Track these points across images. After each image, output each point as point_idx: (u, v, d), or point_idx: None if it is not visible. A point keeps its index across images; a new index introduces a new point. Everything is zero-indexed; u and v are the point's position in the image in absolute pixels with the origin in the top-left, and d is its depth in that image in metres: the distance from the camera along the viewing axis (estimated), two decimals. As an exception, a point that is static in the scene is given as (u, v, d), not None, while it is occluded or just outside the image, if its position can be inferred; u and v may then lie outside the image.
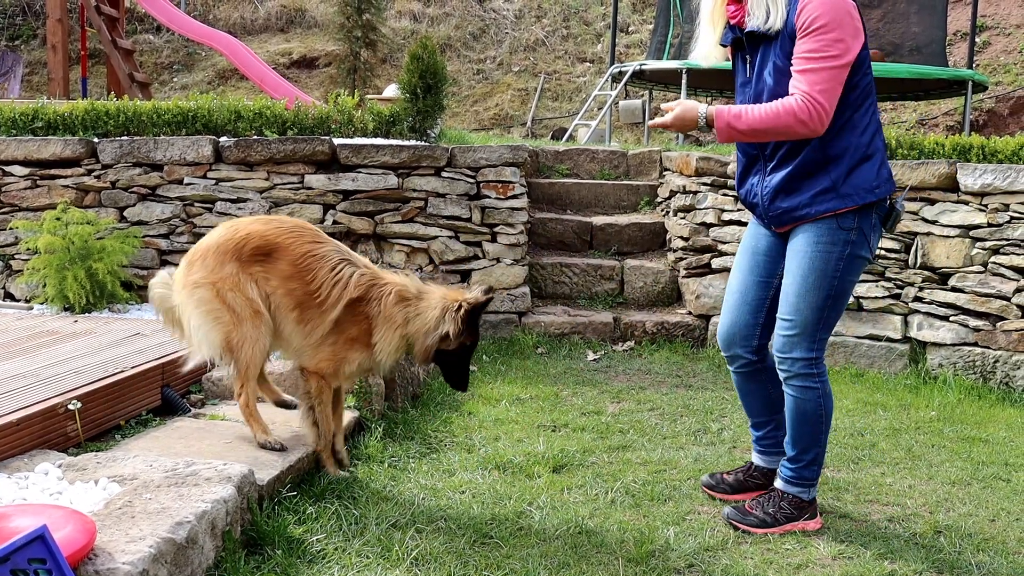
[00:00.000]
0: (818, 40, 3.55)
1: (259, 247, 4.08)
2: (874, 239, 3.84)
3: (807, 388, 3.85)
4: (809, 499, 3.96)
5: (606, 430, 5.18)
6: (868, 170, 3.72)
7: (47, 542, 2.39)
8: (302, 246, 4.09)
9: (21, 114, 7.70)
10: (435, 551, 3.51)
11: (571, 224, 8.20)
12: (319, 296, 4.03)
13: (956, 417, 5.68)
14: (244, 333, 4.05)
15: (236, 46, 14.75)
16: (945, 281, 6.53)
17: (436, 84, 7.59)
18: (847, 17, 3.58)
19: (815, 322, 3.80)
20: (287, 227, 4.16)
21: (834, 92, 3.57)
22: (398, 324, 4.03)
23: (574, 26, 18.84)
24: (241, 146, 7.23)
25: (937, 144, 6.97)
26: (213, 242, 4.13)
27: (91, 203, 7.32)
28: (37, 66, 18.61)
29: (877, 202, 3.76)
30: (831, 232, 3.74)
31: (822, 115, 3.56)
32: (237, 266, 4.06)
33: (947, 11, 13.61)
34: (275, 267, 4.07)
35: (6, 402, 4.02)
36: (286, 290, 4.06)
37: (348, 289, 4.04)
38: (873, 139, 3.74)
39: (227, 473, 3.47)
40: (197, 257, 4.13)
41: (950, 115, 15.26)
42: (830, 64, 3.55)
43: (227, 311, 4.03)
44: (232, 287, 4.03)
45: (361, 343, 4.08)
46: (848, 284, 3.83)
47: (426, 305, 4.03)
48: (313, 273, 4.05)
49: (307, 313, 4.06)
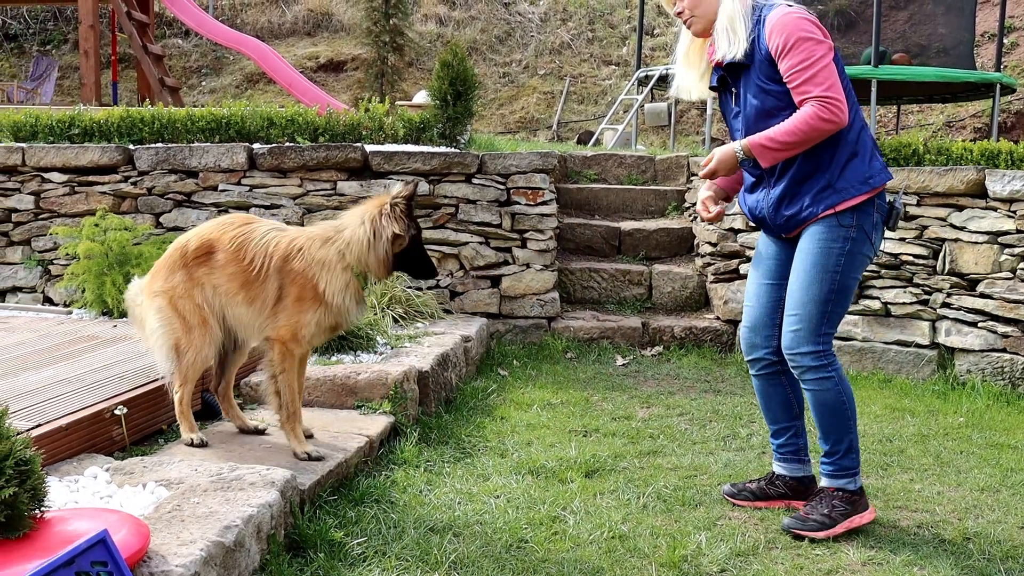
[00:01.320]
0: (799, 52, 3.76)
1: (199, 248, 4.19)
2: (876, 237, 3.98)
3: (821, 379, 3.94)
4: (856, 488, 4.00)
5: (637, 435, 5.25)
6: (859, 164, 3.88)
7: (108, 545, 2.49)
8: (232, 232, 4.19)
9: (59, 121, 7.85)
10: (472, 555, 3.59)
11: (599, 229, 8.27)
12: (253, 269, 4.12)
13: (984, 423, 5.71)
14: (191, 340, 4.17)
15: (264, 50, 14.92)
16: (973, 287, 6.56)
17: (466, 91, 7.69)
18: (811, 27, 3.80)
19: (819, 316, 3.90)
20: (223, 222, 4.28)
21: (838, 85, 3.76)
22: (335, 262, 4.09)
23: (599, 29, 18.90)
24: (275, 153, 7.34)
25: (965, 150, 6.99)
26: (165, 254, 4.29)
27: (128, 209, 7.45)
28: (68, 71, 18.84)
29: (876, 199, 3.91)
30: (831, 229, 3.89)
31: (840, 107, 3.74)
32: (184, 273, 4.18)
33: (975, 13, 13.58)
34: (214, 261, 4.17)
35: (54, 407, 4.13)
36: (227, 276, 4.15)
37: (272, 250, 4.12)
38: (860, 135, 3.90)
39: (271, 478, 3.57)
40: (159, 267, 4.27)
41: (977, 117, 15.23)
42: (821, 64, 3.75)
43: (178, 319, 4.17)
44: (182, 294, 4.17)
45: (308, 300, 4.11)
46: (850, 280, 3.95)
47: (351, 231, 4.09)
48: (243, 251, 4.14)
49: (252, 291, 4.15)
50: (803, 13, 3.85)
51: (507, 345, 7.32)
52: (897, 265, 6.82)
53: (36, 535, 2.78)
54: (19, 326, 6.21)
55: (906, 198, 6.76)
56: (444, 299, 7.34)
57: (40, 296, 7.55)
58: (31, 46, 19.86)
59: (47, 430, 3.84)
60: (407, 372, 5.23)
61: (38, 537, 2.78)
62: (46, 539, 2.77)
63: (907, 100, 14.11)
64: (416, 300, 6.92)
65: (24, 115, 7.98)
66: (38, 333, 5.91)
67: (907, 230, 6.76)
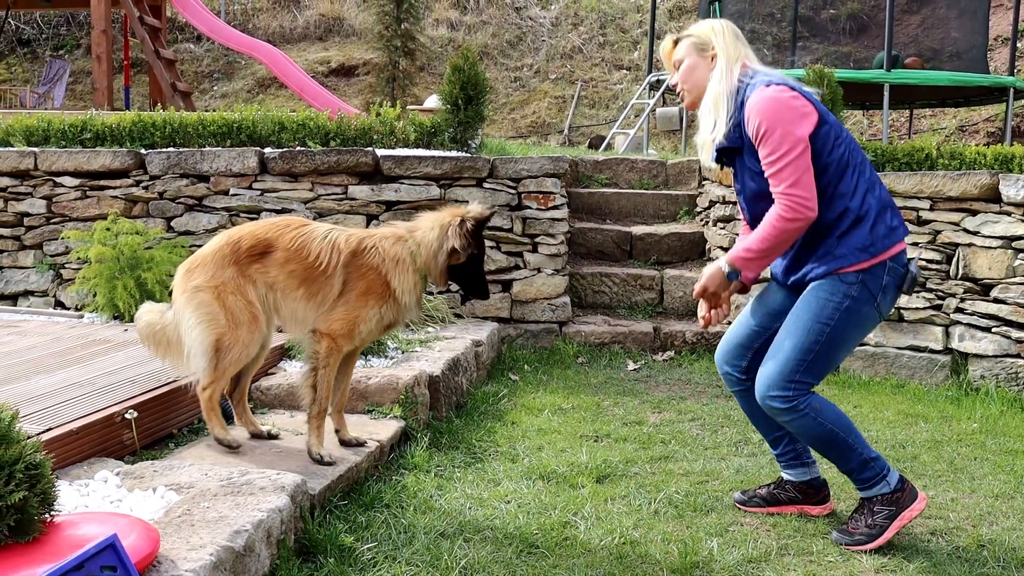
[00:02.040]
0: (768, 144, 3.76)
1: (253, 246, 4.20)
2: (884, 299, 3.89)
3: (794, 420, 3.88)
4: (893, 487, 3.92)
5: (648, 440, 5.23)
6: (860, 232, 3.82)
7: (117, 550, 2.48)
8: (291, 232, 4.21)
9: (71, 126, 7.88)
10: (483, 561, 3.58)
11: (611, 234, 8.25)
12: (319, 264, 4.14)
13: (998, 429, 5.68)
14: (238, 336, 4.15)
15: (276, 55, 14.95)
16: (987, 292, 6.52)
17: (477, 95, 7.68)
18: (785, 111, 3.76)
19: (795, 363, 3.83)
20: (277, 222, 4.30)
21: (805, 179, 3.73)
22: (407, 261, 4.15)
23: (611, 33, 18.90)
24: (286, 157, 7.35)
25: (979, 154, 6.97)
26: (211, 249, 4.24)
27: (139, 213, 7.47)
28: (80, 75, 18.91)
29: (889, 262, 3.84)
30: (832, 284, 3.85)
31: (804, 204, 3.72)
32: (236, 269, 4.17)
33: (988, 16, 13.52)
34: (271, 258, 4.18)
35: (65, 410, 4.13)
36: (286, 273, 4.16)
37: (341, 247, 4.16)
38: (864, 201, 3.83)
39: (281, 482, 3.56)
40: (196, 264, 4.24)
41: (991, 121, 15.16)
42: (787, 160, 3.73)
43: (225, 313, 4.14)
44: (233, 290, 4.15)
45: (375, 295, 4.15)
46: (844, 336, 3.86)
47: (422, 233, 4.17)
48: (306, 248, 4.16)
49: (313, 286, 4.17)
50: (777, 92, 3.79)
51: (518, 350, 7.31)
52: (910, 270, 6.78)
53: (46, 539, 2.78)
54: (31, 330, 6.22)
55: (919, 202, 6.73)
56: (455, 303, 7.33)
57: (52, 300, 7.57)
58: (44, 51, 19.94)
59: (58, 434, 3.84)
60: (418, 377, 5.22)
61: (48, 541, 2.77)
62: (56, 543, 2.76)
63: (920, 104, 14.05)
64: (427, 305, 6.91)
65: (36, 119, 8.01)
66: (50, 337, 5.92)
67: (920, 235, 6.73)
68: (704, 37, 4.03)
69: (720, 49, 3.98)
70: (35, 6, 17.70)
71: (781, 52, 13.71)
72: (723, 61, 3.96)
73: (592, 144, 14.61)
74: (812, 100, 3.85)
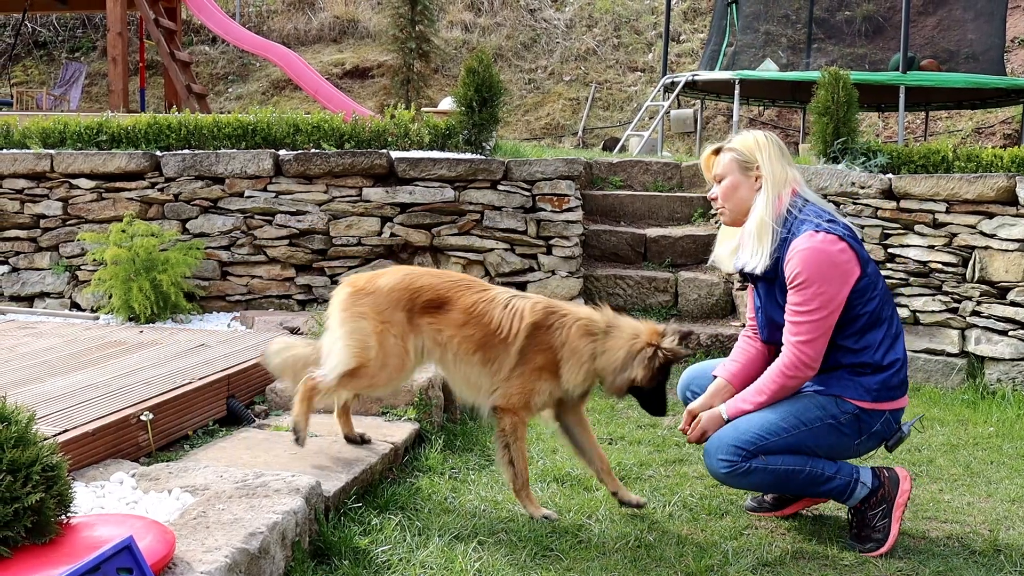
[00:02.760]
0: (800, 294, 3.73)
1: (431, 300, 4.14)
2: (866, 443, 3.89)
3: (741, 480, 3.86)
4: (871, 486, 3.88)
5: (662, 443, 5.22)
6: (874, 378, 3.80)
7: (133, 552, 2.49)
8: (471, 295, 4.14)
9: (87, 128, 7.91)
10: (497, 564, 3.57)
11: (625, 236, 8.24)
12: (500, 332, 4.05)
13: (1015, 433, 5.65)
14: (377, 377, 4.12)
15: (290, 57, 14.97)
16: (1003, 295, 6.49)
17: (491, 97, 7.68)
18: (828, 268, 3.71)
19: (753, 434, 3.80)
20: (455, 280, 4.22)
21: (819, 342, 3.73)
22: (584, 360, 4.03)
23: (625, 35, 18.88)
24: (301, 159, 7.36)
25: (995, 156, 6.93)
26: (389, 284, 4.16)
27: (154, 215, 7.50)
28: (96, 77, 18.99)
29: (887, 413, 3.83)
30: (827, 401, 3.83)
31: (806, 364, 3.75)
32: (406, 316, 4.12)
33: (1005, 18, 13.46)
34: (447, 318, 4.11)
35: (82, 412, 4.15)
36: (462, 337, 4.09)
37: (526, 316, 4.06)
38: (886, 355, 3.81)
39: (295, 484, 3.56)
40: (368, 290, 4.17)
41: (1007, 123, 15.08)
42: (811, 317, 3.72)
43: (379, 350, 4.08)
44: (398, 334, 4.10)
45: (548, 372, 4.05)
46: (812, 443, 3.82)
47: (613, 344, 4.01)
48: (488, 315, 4.08)
49: (490, 352, 4.08)
50: (826, 244, 3.71)
51: (532, 352, 7.29)
52: (926, 273, 6.76)
53: (62, 541, 2.79)
54: (47, 331, 6.25)
55: (935, 205, 6.71)
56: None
57: (67, 302, 7.60)
58: (60, 53, 20.03)
59: (74, 435, 3.86)
60: (432, 379, 5.22)
61: (64, 543, 2.78)
62: (72, 545, 2.77)
63: (936, 106, 13.99)
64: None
65: (53, 121, 8.05)
66: (65, 338, 5.95)
67: (936, 237, 6.70)
68: (749, 154, 3.92)
69: (767, 171, 3.88)
70: (51, 8, 17.77)
71: (796, 54, 13.68)
72: (769, 187, 3.86)
73: (606, 146, 14.60)
74: (855, 247, 3.78)
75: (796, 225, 3.79)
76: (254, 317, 6.96)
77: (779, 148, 3.94)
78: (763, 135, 3.97)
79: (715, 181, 4.03)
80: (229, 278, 7.52)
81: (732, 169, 3.94)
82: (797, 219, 3.80)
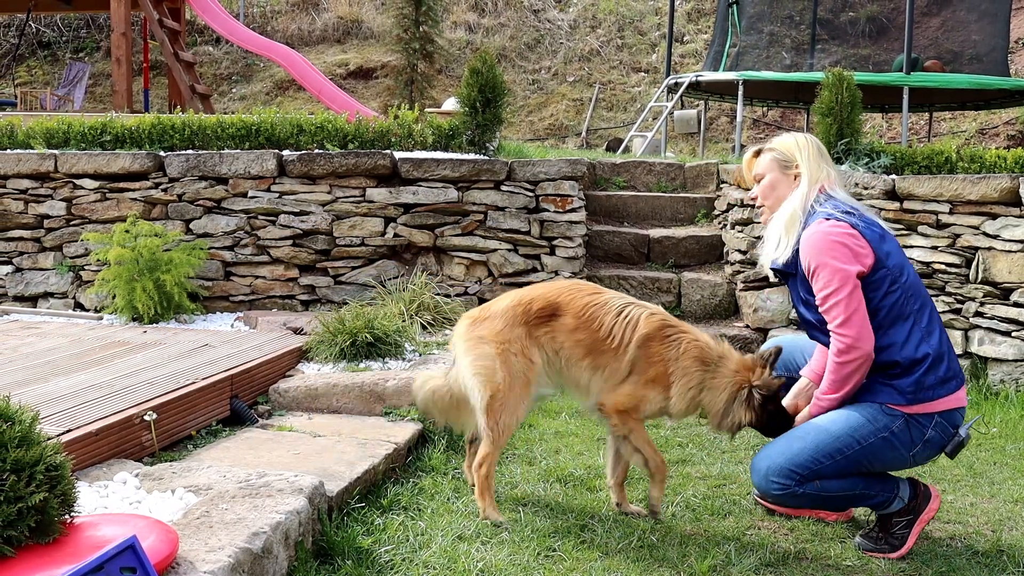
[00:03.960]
0: (818, 280, 3.79)
1: (543, 308, 4.13)
2: (922, 452, 3.84)
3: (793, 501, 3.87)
4: (907, 500, 3.88)
5: (665, 444, 5.22)
6: (906, 379, 3.77)
7: (137, 552, 2.49)
8: (582, 299, 4.14)
9: (90, 128, 7.92)
10: (500, 564, 3.57)
11: (628, 237, 8.24)
12: (611, 340, 4.05)
13: (1018, 434, 5.64)
14: (506, 400, 4.03)
15: (294, 58, 14.99)
16: (1007, 296, 6.48)
17: (495, 98, 7.68)
18: (834, 247, 3.77)
19: (807, 458, 3.81)
20: (565, 286, 4.23)
21: (854, 317, 3.73)
22: (692, 385, 4.04)
23: (629, 36, 18.87)
24: (304, 160, 7.37)
25: (999, 157, 6.93)
26: (503, 306, 4.17)
27: (158, 216, 7.51)
28: (100, 78, 19.01)
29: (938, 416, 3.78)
30: (874, 410, 3.81)
31: (852, 345, 3.73)
32: (525, 330, 4.11)
33: (1009, 19, 13.44)
34: (560, 323, 4.11)
35: (85, 412, 4.16)
36: (574, 342, 4.09)
37: (639, 327, 4.05)
38: (916, 350, 3.77)
39: (298, 485, 3.57)
40: (485, 316, 4.17)
41: (1011, 124, 15.06)
42: (837, 297, 3.75)
43: (504, 371, 4.04)
44: (519, 351, 4.07)
45: (660, 384, 4.05)
46: (869, 461, 3.82)
47: (718, 382, 4.03)
48: (599, 320, 4.08)
49: (600, 359, 4.08)
50: (831, 228, 3.79)
51: (535, 352, 7.29)
52: (929, 274, 6.76)
53: (66, 540, 2.80)
54: (51, 331, 6.27)
55: (938, 206, 6.70)
56: (472, 306, 7.32)
57: (71, 302, 7.62)
58: (64, 54, 20.05)
59: (77, 435, 3.87)
60: (435, 379, 5.22)
61: (68, 542, 2.79)
62: (75, 544, 2.78)
63: (939, 107, 13.97)
64: (444, 307, 6.92)
65: (56, 122, 8.06)
66: (69, 338, 5.96)
67: (939, 238, 6.70)
68: (788, 153, 4.01)
69: (804, 168, 3.96)
70: (56, 8, 17.80)
71: (800, 55, 13.66)
72: (806, 181, 3.94)
73: (610, 147, 14.60)
74: (868, 235, 3.80)
75: (811, 217, 3.87)
76: (258, 317, 6.97)
77: (818, 148, 4.03)
78: (803, 136, 4.08)
79: (755, 181, 4.11)
80: (233, 278, 7.53)
81: (772, 168, 4.04)
82: (814, 212, 3.88)
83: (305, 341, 5.92)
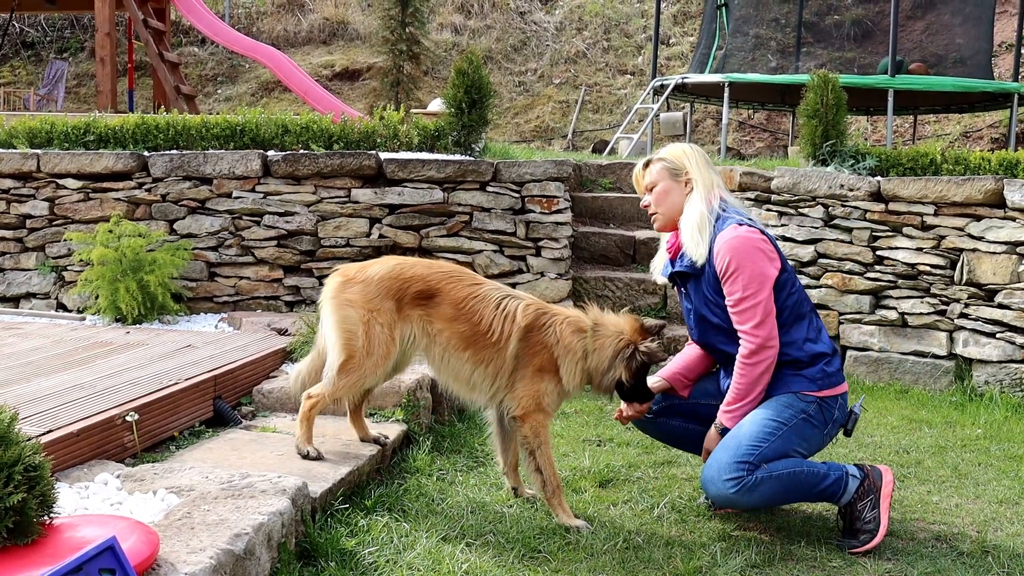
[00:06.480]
0: (736, 283, 3.95)
1: (422, 291, 4.16)
2: (831, 429, 4.06)
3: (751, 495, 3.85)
4: (859, 480, 3.96)
5: (651, 445, 5.21)
6: (812, 369, 4.00)
7: (116, 553, 2.47)
8: (463, 289, 4.17)
9: (74, 128, 7.87)
10: (485, 566, 3.56)
11: (614, 238, 8.24)
12: (491, 334, 4.10)
13: (1003, 435, 5.66)
14: (363, 365, 4.14)
15: (280, 59, 14.96)
16: (991, 297, 6.50)
17: (481, 99, 7.66)
18: (754, 252, 3.95)
19: (746, 447, 3.86)
20: (446, 270, 4.26)
21: (766, 320, 3.92)
22: (578, 357, 4.09)
23: (615, 38, 18.89)
24: (289, 160, 7.33)
25: (983, 159, 6.95)
26: (378, 273, 4.19)
27: (142, 216, 7.46)
28: (85, 78, 18.93)
29: (839, 398, 4.03)
30: (789, 398, 3.98)
31: (763, 343, 3.91)
32: (395, 304, 4.14)
33: (993, 22, 13.51)
34: (438, 311, 4.15)
35: (66, 413, 4.12)
36: (452, 331, 4.13)
37: (517, 319, 4.10)
38: (816, 343, 4.03)
39: (282, 486, 3.54)
40: (358, 279, 4.20)
41: (995, 127, 15.13)
42: (756, 299, 3.91)
43: (364, 339, 4.12)
44: (385, 322, 4.12)
45: (549, 372, 4.10)
46: (797, 440, 3.93)
47: (601, 342, 4.09)
48: (479, 314, 4.12)
49: (482, 353, 4.12)
50: (749, 233, 3.96)
51: (521, 354, 7.27)
52: (914, 275, 6.77)
53: (44, 541, 2.77)
54: (33, 332, 6.22)
55: (923, 208, 6.72)
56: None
57: (54, 302, 7.56)
58: (48, 54, 19.95)
59: (58, 436, 3.83)
60: (420, 380, 5.21)
61: (46, 543, 2.76)
62: (54, 545, 2.75)
63: (924, 110, 14.04)
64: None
65: (40, 121, 8.00)
66: (51, 339, 5.91)
67: (924, 240, 6.71)
68: (678, 162, 4.18)
69: (696, 175, 4.14)
70: (40, 8, 17.72)
71: (786, 58, 13.70)
72: (701, 187, 4.11)
73: (596, 149, 14.61)
74: (773, 242, 4.03)
75: (721, 222, 4.03)
76: (242, 318, 6.93)
77: (704, 157, 4.24)
78: (689, 146, 4.27)
79: (647, 190, 4.25)
80: (217, 279, 7.49)
81: (663, 176, 4.20)
82: (722, 217, 4.05)
83: (289, 342, 5.89)
